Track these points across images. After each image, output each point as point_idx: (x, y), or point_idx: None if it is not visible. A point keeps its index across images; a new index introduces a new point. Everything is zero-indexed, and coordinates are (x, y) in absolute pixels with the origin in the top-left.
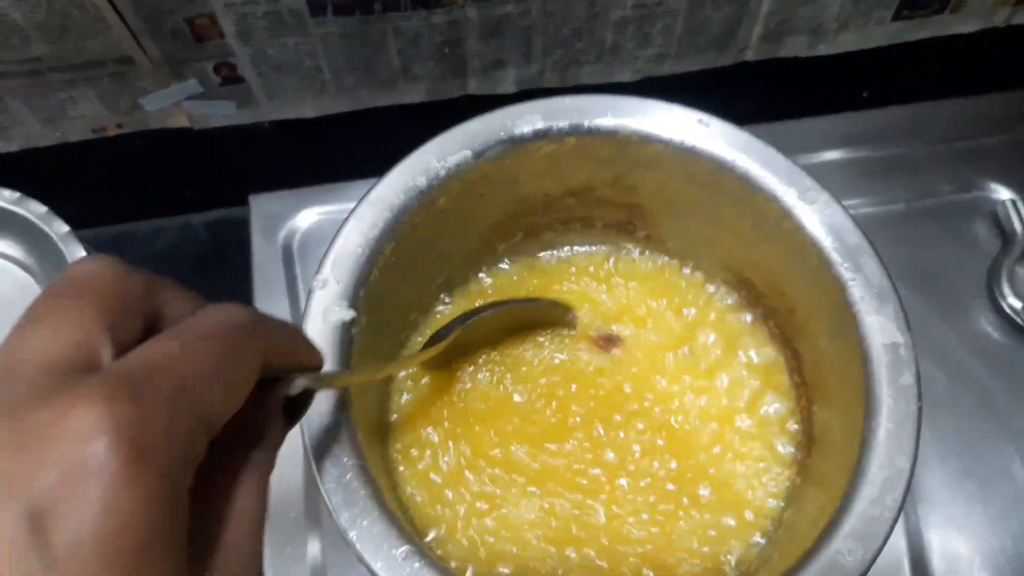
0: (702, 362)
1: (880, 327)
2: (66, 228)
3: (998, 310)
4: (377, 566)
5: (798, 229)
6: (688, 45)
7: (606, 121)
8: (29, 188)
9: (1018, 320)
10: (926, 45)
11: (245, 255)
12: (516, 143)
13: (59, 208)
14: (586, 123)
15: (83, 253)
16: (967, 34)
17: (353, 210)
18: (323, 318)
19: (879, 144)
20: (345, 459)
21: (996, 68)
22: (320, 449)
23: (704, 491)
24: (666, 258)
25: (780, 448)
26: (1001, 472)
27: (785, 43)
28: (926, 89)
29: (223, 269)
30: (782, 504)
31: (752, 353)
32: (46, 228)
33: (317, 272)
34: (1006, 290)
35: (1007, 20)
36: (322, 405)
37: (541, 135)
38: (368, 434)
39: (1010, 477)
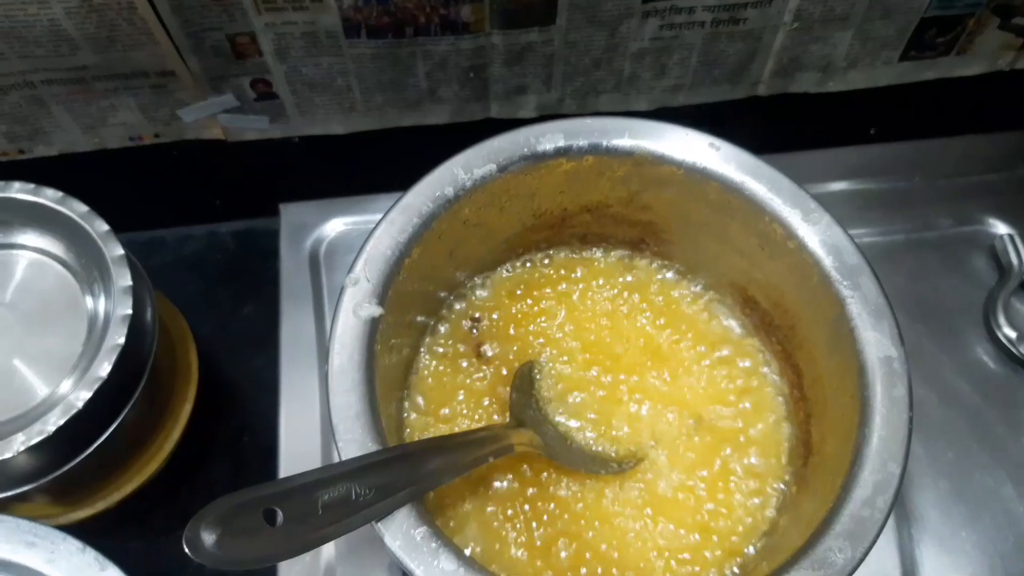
0: (707, 375)
1: (876, 342)
2: (106, 227)
3: (994, 340)
4: (396, 544)
5: (801, 248)
6: (703, 77)
7: (623, 142)
8: (66, 191)
9: (1013, 350)
10: (932, 85)
11: (269, 264)
12: (538, 159)
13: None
14: (605, 143)
15: (121, 252)
16: (971, 76)
17: (385, 215)
18: (354, 313)
19: (883, 177)
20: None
21: (998, 109)
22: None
23: (702, 491)
24: (676, 275)
25: (777, 458)
26: (992, 496)
27: (796, 79)
28: (930, 127)
29: (248, 277)
30: (777, 513)
31: (756, 369)
32: (87, 227)
33: (350, 271)
34: (1002, 320)
35: (1011, 64)
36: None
37: (562, 152)
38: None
39: (1001, 500)
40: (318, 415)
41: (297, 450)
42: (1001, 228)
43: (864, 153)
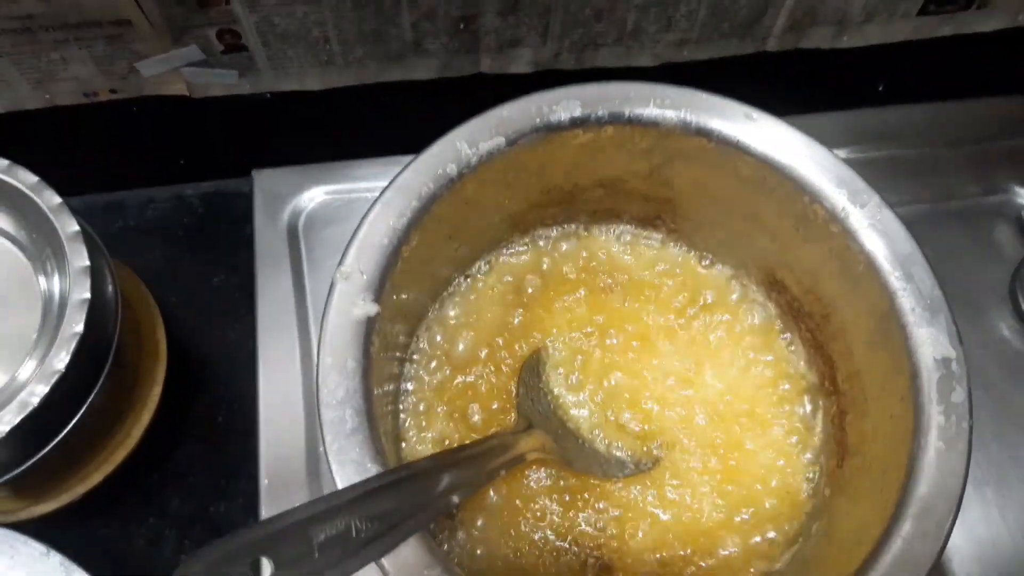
0: (728, 362)
1: (931, 340)
2: (58, 200)
3: (1021, 317)
4: None
5: (844, 233)
6: (711, 31)
7: (648, 111)
8: (14, 153)
9: None
10: (946, 43)
11: (240, 228)
12: (551, 130)
13: (46, 175)
14: (627, 112)
15: (76, 228)
16: (989, 33)
17: (379, 196)
18: (346, 312)
19: (903, 143)
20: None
21: (1019, 69)
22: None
23: (730, 487)
24: (694, 254)
25: (806, 455)
26: (1019, 478)
27: (808, 34)
28: (946, 88)
29: (218, 243)
30: (807, 518)
31: (781, 355)
32: (37, 199)
33: (340, 263)
34: None
35: None
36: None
37: (579, 123)
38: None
39: None
40: (300, 389)
41: (278, 428)
42: None
43: (882, 116)
